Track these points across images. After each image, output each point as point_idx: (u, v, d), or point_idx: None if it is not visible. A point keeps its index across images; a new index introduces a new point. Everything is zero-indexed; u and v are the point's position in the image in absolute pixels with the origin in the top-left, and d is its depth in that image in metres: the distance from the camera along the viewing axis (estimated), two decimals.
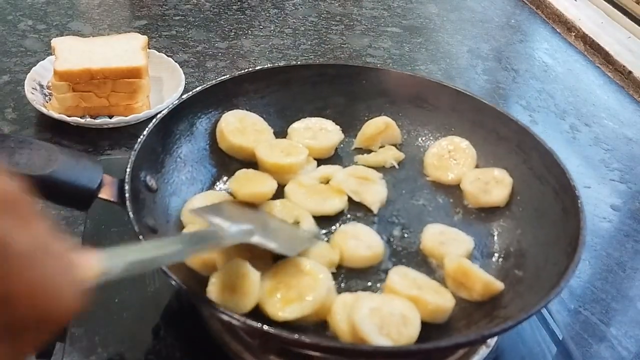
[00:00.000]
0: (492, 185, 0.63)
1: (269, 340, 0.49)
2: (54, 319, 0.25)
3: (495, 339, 0.55)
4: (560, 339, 0.60)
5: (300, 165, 0.64)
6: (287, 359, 0.51)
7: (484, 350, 0.54)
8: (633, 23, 1.14)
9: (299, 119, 0.69)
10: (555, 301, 0.64)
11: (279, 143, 0.65)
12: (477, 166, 0.67)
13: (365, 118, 0.70)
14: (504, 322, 0.47)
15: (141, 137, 0.57)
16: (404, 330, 0.48)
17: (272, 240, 0.52)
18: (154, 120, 0.59)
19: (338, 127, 0.69)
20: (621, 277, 0.69)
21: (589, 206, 0.75)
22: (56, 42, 0.83)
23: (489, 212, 0.63)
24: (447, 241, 0.58)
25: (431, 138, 0.70)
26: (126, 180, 0.52)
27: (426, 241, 0.59)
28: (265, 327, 0.43)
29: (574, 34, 1.15)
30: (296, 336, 0.43)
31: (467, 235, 0.60)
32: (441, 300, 0.51)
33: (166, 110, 0.61)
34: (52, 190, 0.47)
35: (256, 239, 0.49)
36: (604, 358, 0.60)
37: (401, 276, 0.53)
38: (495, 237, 0.61)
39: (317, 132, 0.68)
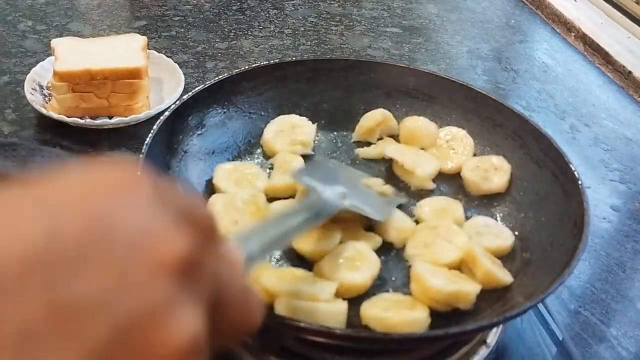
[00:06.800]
0: (492, 172, 0.65)
1: (300, 333, 0.49)
2: (252, 325, 0.25)
3: (495, 338, 0.55)
4: (560, 339, 0.60)
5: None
6: (286, 359, 0.51)
7: (484, 351, 0.54)
8: (633, 23, 1.14)
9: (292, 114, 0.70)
10: (555, 301, 0.64)
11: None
12: (474, 154, 0.68)
13: (362, 111, 0.71)
14: (520, 304, 0.47)
15: (147, 140, 0.57)
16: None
17: (364, 204, 0.55)
18: (156, 124, 0.59)
19: (304, 117, 0.69)
20: (621, 277, 0.69)
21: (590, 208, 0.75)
22: (56, 42, 0.83)
23: (490, 198, 0.64)
24: (486, 233, 0.59)
25: None
26: None
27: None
28: (296, 322, 0.43)
29: (573, 34, 1.15)
30: (323, 327, 0.45)
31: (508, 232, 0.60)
32: (473, 288, 0.52)
33: (168, 112, 0.61)
34: None
35: (349, 203, 0.52)
36: (604, 358, 0.60)
37: (433, 274, 0.53)
38: (499, 222, 0.62)
39: (291, 131, 0.68)
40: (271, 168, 0.66)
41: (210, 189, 0.62)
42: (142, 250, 0.19)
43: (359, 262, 0.54)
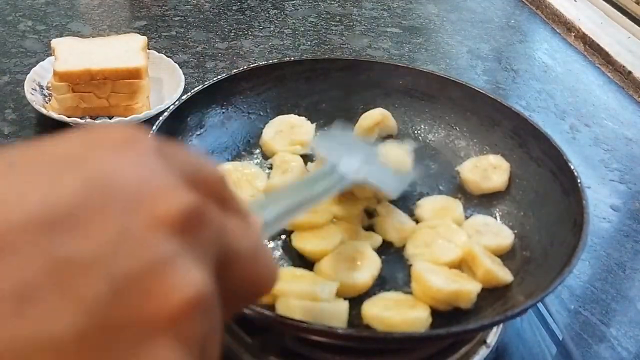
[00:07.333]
0: (491, 171, 0.65)
1: (301, 333, 0.49)
2: (265, 286, 0.23)
3: (495, 338, 0.55)
4: (560, 339, 0.60)
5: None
6: (286, 359, 0.51)
7: (484, 351, 0.54)
8: (633, 23, 1.14)
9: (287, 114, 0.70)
10: (555, 301, 0.64)
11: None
12: (473, 154, 0.68)
13: (361, 110, 0.71)
14: (521, 303, 0.47)
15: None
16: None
17: (377, 178, 0.56)
18: (155, 124, 0.59)
19: (303, 117, 0.70)
20: (621, 277, 0.69)
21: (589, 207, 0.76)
22: (56, 42, 0.83)
23: (490, 197, 0.64)
24: (485, 232, 0.59)
25: (426, 127, 0.71)
26: None
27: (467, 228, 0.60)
28: (296, 322, 0.44)
29: (573, 34, 1.15)
30: (325, 327, 0.45)
31: (508, 230, 0.61)
32: (474, 287, 0.52)
33: (167, 112, 0.61)
34: None
35: (363, 176, 0.52)
36: (604, 358, 0.60)
37: (433, 273, 0.53)
38: (498, 221, 0.62)
39: (290, 131, 0.68)
40: (270, 168, 0.66)
41: None
42: (140, 205, 0.18)
43: (359, 262, 0.54)
